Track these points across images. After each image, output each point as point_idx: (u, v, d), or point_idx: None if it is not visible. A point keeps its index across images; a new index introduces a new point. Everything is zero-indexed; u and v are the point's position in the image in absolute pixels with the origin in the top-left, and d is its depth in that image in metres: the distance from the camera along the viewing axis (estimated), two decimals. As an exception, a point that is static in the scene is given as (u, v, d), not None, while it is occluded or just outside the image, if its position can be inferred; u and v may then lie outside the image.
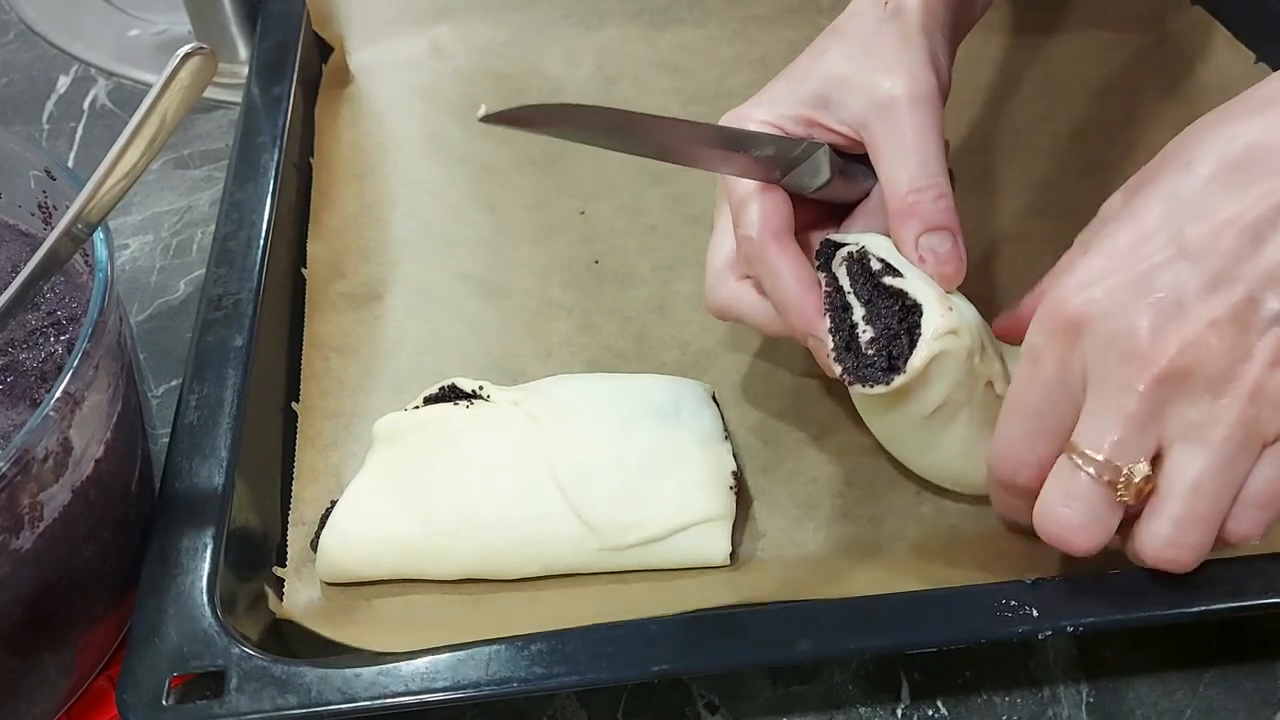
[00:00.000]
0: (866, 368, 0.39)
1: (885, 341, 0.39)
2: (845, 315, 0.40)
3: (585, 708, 0.41)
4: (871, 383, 0.39)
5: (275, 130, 0.57)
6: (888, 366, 0.39)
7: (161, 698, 0.35)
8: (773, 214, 0.41)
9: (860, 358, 0.39)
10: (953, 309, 0.39)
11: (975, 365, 0.39)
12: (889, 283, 0.40)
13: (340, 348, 0.50)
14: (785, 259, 0.41)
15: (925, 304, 0.39)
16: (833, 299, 0.41)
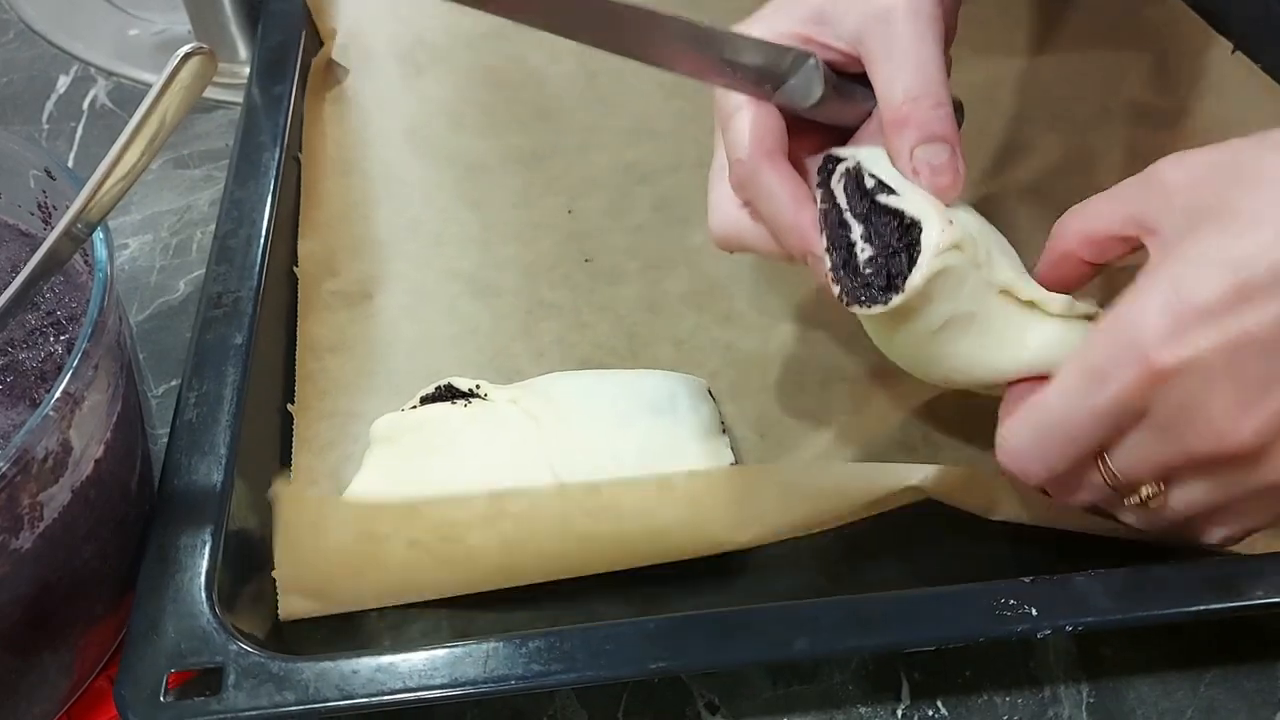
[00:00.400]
0: (864, 287, 0.38)
1: (884, 260, 0.37)
2: (843, 234, 0.39)
3: (585, 707, 0.41)
4: (869, 303, 0.37)
5: (276, 130, 0.57)
6: (886, 285, 0.37)
7: (159, 694, 0.35)
8: (764, 132, 0.40)
9: (858, 277, 0.38)
10: (953, 222, 0.37)
11: (984, 276, 0.37)
12: (884, 201, 0.38)
13: (333, 347, 0.50)
14: (778, 178, 0.39)
15: (924, 219, 0.37)
16: (829, 217, 0.39)
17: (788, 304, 0.53)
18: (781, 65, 0.39)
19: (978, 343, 0.38)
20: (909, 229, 0.37)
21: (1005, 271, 0.38)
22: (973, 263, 0.37)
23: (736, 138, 0.40)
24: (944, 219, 0.37)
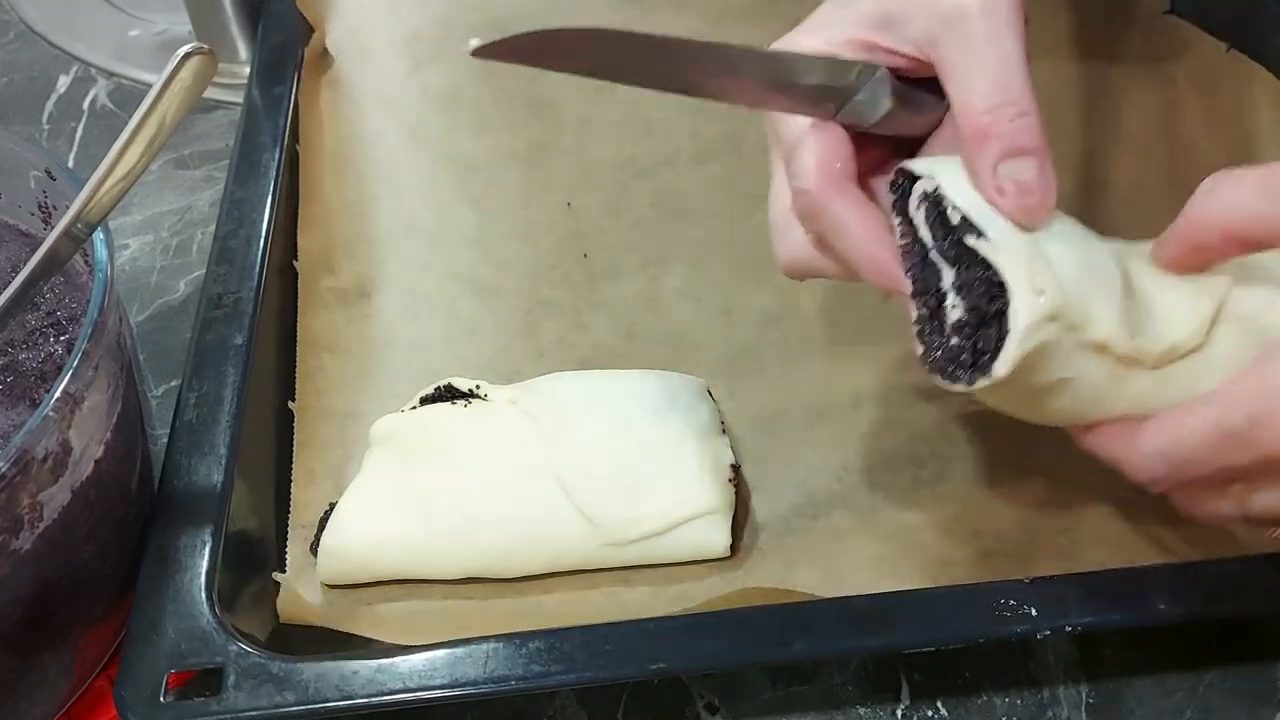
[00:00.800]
0: (950, 361, 0.34)
1: (973, 328, 0.33)
2: (930, 278, 0.35)
3: (585, 708, 0.41)
4: (954, 380, 0.33)
5: (276, 130, 0.57)
6: (973, 363, 0.33)
7: (159, 694, 0.35)
8: (830, 157, 0.36)
9: (943, 344, 0.34)
10: (1044, 291, 0.32)
11: (1079, 338, 0.33)
12: (972, 244, 0.33)
13: (332, 346, 0.50)
14: (850, 210, 0.35)
15: (1014, 288, 0.32)
16: (912, 252, 0.35)
17: (788, 302, 0.53)
18: (846, 80, 0.36)
19: (1072, 398, 0.35)
20: (998, 291, 0.33)
21: (1104, 329, 0.33)
22: (1068, 328, 0.33)
23: (801, 168, 0.36)
24: (1034, 289, 0.32)
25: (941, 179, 0.35)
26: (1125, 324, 0.34)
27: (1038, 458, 0.46)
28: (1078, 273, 0.33)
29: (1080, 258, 0.34)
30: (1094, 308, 0.33)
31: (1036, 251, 0.33)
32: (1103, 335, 0.33)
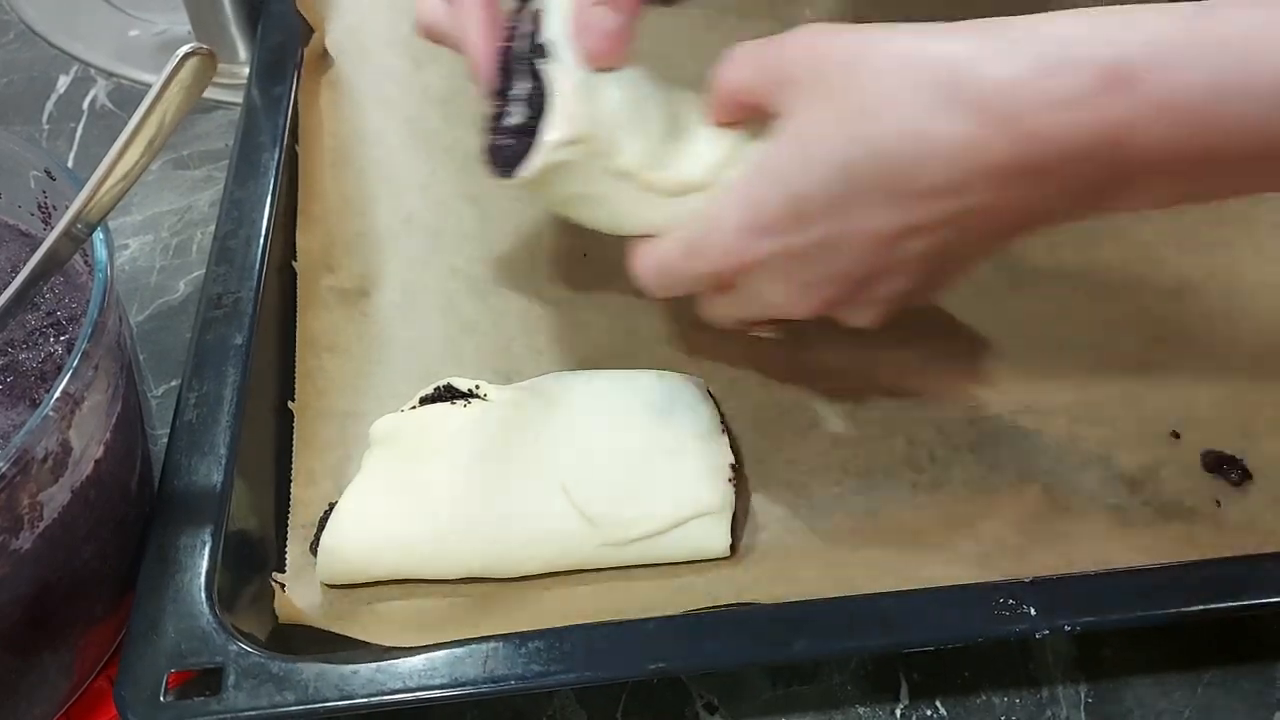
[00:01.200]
0: (495, 154, 0.41)
1: (521, 136, 0.40)
2: (508, 79, 0.41)
3: (584, 707, 0.41)
4: (493, 173, 0.41)
5: (276, 130, 0.57)
6: (510, 162, 0.40)
7: (159, 694, 0.35)
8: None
9: (496, 141, 0.41)
10: (574, 118, 0.39)
11: (604, 164, 0.40)
12: (539, 65, 0.40)
13: (332, 346, 0.50)
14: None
15: (552, 109, 0.39)
16: (504, 59, 0.41)
17: None
18: None
19: (604, 213, 0.42)
20: (544, 108, 0.39)
21: (628, 158, 0.40)
22: (592, 154, 0.39)
23: None
24: (567, 115, 0.39)
25: (551, 2, 0.41)
26: (653, 159, 0.41)
27: (1035, 461, 0.46)
28: (617, 110, 0.40)
29: (628, 99, 0.41)
30: (624, 141, 0.40)
31: (587, 87, 0.40)
32: (625, 164, 0.40)
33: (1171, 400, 0.47)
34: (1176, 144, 0.31)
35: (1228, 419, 0.47)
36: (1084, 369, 0.49)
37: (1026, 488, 0.44)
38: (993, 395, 0.48)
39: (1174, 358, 0.49)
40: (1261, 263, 0.53)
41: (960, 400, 0.48)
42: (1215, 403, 0.47)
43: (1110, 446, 0.46)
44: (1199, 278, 0.52)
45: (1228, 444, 0.46)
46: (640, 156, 0.40)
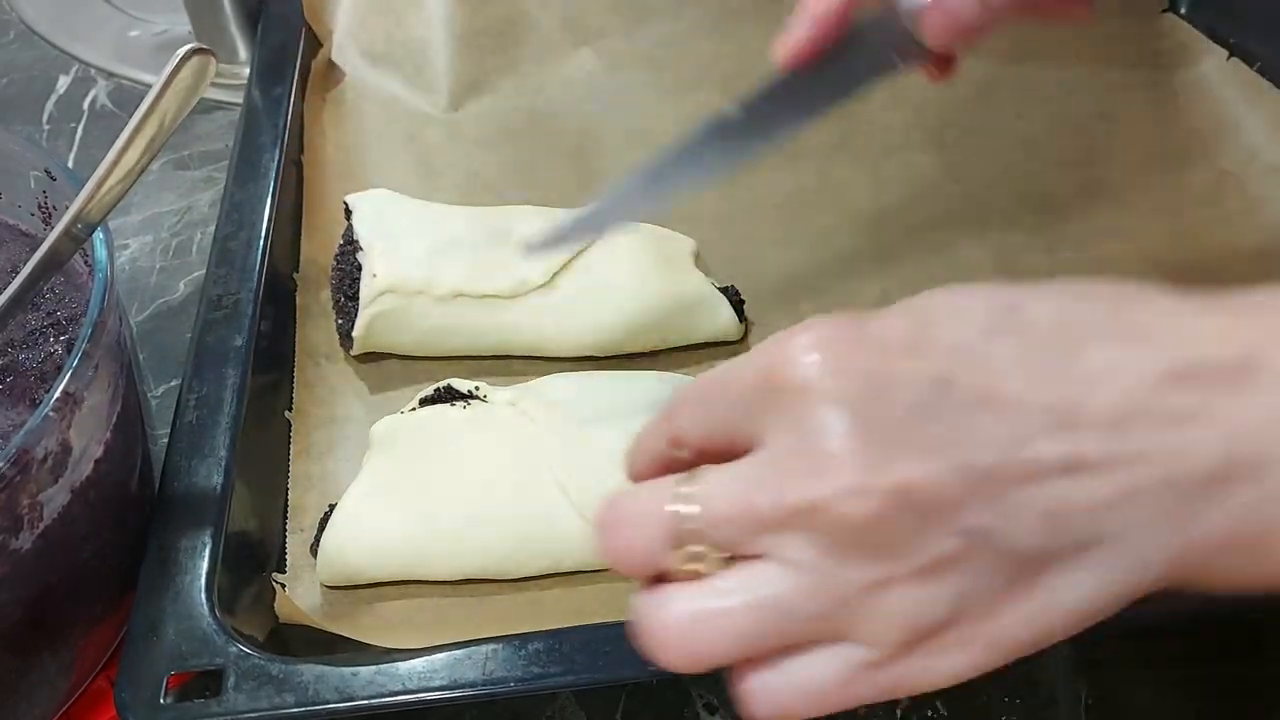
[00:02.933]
0: (344, 334, 0.49)
1: (353, 310, 0.49)
2: (348, 270, 0.50)
3: (584, 708, 0.41)
4: (345, 348, 0.50)
5: (276, 131, 0.57)
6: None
7: (159, 696, 0.35)
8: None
9: (341, 322, 0.50)
10: (375, 274, 0.47)
11: (443, 292, 0.48)
12: (360, 257, 0.49)
13: (331, 355, 0.50)
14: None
15: (364, 278, 0.48)
16: (342, 253, 0.50)
17: (787, 302, 0.53)
18: None
19: (465, 335, 0.50)
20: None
21: (450, 284, 0.48)
22: (412, 294, 0.48)
23: None
24: (371, 274, 0.48)
25: (363, 213, 0.51)
26: (479, 274, 0.48)
27: None
28: (420, 256, 0.48)
29: (430, 244, 0.49)
30: (441, 272, 0.48)
31: (390, 252, 0.48)
32: (452, 286, 0.48)
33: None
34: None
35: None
36: None
37: None
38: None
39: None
40: (1261, 263, 0.53)
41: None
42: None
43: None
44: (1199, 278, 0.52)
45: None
46: (463, 277, 0.48)
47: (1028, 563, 0.25)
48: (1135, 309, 0.26)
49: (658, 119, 0.62)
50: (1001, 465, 0.25)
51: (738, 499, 0.26)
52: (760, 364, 0.28)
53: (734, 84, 0.64)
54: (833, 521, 0.25)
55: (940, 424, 0.25)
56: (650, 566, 0.28)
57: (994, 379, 0.25)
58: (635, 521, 0.28)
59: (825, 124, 0.61)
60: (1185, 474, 0.24)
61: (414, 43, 0.66)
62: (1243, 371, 0.24)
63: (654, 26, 0.68)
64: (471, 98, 0.63)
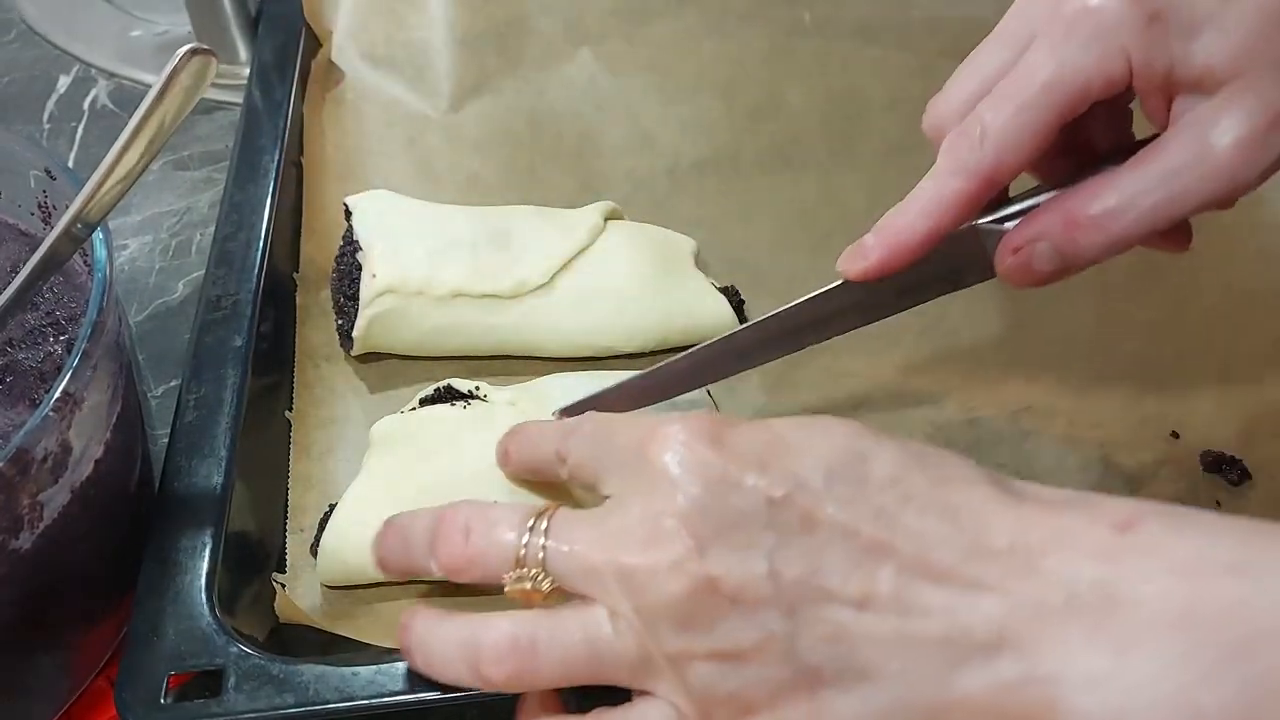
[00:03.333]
0: (345, 335, 0.49)
1: (353, 310, 0.49)
2: (349, 269, 0.50)
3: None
4: (345, 349, 0.50)
5: (276, 132, 0.57)
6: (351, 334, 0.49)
7: (160, 696, 0.35)
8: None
9: (341, 322, 0.50)
10: (375, 275, 0.47)
11: (442, 292, 0.48)
12: (360, 258, 0.49)
13: (330, 356, 0.50)
14: None
15: (364, 278, 0.48)
16: (343, 254, 0.51)
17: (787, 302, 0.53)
18: None
19: (463, 336, 0.49)
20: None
21: (450, 284, 0.48)
22: (412, 294, 0.48)
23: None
24: (372, 273, 0.48)
25: (363, 214, 0.50)
26: (479, 275, 0.48)
27: (1035, 461, 0.46)
28: (420, 256, 0.48)
29: (430, 245, 0.49)
30: (440, 273, 0.48)
31: (389, 253, 0.48)
32: (452, 287, 0.48)
33: (1171, 400, 0.48)
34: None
35: (1228, 419, 0.47)
36: (1084, 369, 0.49)
37: None
38: (992, 395, 0.48)
39: (1174, 358, 0.49)
40: (1261, 263, 0.53)
41: (960, 400, 0.48)
42: (1215, 403, 0.47)
43: (1110, 446, 0.46)
44: (1199, 278, 0.52)
45: (1227, 444, 0.46)
46: (462, 278, 0.48)
47: (810, 671, 0.28)
48: (956, 490, 0.29)
49: (658, 121, 0.62)
50: (804, 580, 0.28)
51: (581, 544, 0.31)
52: (638, 435, 0.32)
53: (735, 86, 0.64)
54: (650, 589, 0.29)
55: (763, 535, 0.29)
56: (490, 579, 0.32)
57: (819, 512, 0.29)
58: (492, 538, 0.32)
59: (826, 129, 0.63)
60: (960, 636, 0.27)
61: (414, 44, 0.66)
62: (1029, 558, 0.27)
63: (655, 28, 0.68)
64: (472, 99, 0.63)
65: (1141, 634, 0.26)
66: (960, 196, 0.35)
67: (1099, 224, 0.34)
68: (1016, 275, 0.36)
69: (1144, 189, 0.33)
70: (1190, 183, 0.33)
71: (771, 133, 0.62)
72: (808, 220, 0.57)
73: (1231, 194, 0.33)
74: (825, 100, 0.63)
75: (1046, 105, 0.33)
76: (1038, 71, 0.34)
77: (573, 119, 0.63)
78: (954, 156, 0.35)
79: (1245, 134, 0.32)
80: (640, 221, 0.56)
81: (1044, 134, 0.34)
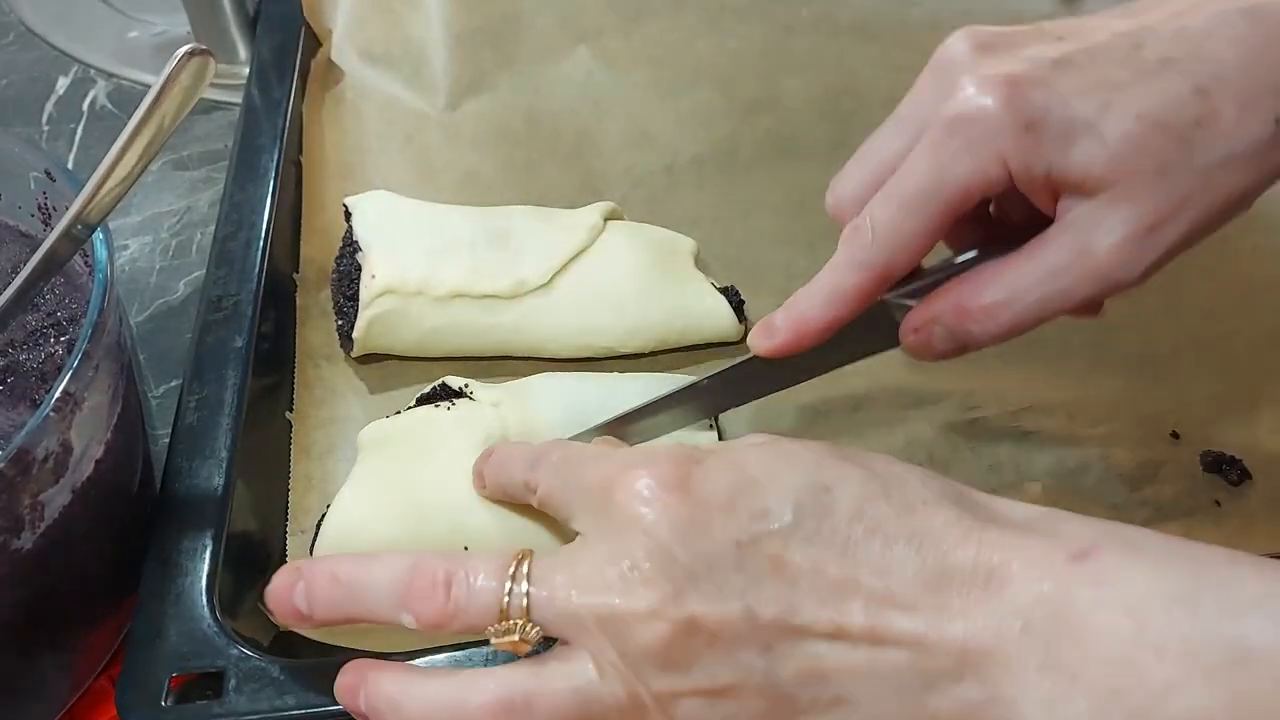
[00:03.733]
0: (345, 335, 0.50)
1: (353, 311, 0.49)
2: (349, 269, 0.50)
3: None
4: (344, 349, 0.50)
5: (275, 131, 0.57)
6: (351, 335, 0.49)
7: (161, 698, 0.35)
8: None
9: (341, 323, 0.50)
10: (374, 276, 0.47)
11: (442, 292, 0.48)
12: (359, 258, 0.49)
13: (331, 355, 0.50)
14: None
15: (364, 279, 0.48)
16: (343, 253, 0.51)
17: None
18: None
19: (463, 335, 0.49)
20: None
21: (450, 283, 0.48)
22: (411, 294, 0.48)
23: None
24: (371, 275, 0.48)
25: (363, 215, 0.51)
26: (479, 275, 0.48)
27: (1035, 461, 0.46)
28: (419, 258, 0.48)
29: (429, 245, 0.49)
30: (440, 273, 0.48)
31: (389, 253, 0.48)
32: (448, 289, 0.48)
33: (1171, 400, 0.48)
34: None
35: (1227, 419, 0.47)
36: (1084, 369, 0.49)
37: (1026, 487, 0.44)
38: (993, 395, 0.48)
39: (1174, 357, 0.49)
40: (1260, 261, 0.53)
41: (960, 400, 0.48)
42: (1215, 403, 0.47)
43: (1110, 446, 0.46)
44: (1198, 277, 0.52)
45: (1227, 444, 0.46)
46: (462, 277, 0.48)
47: (787, 701, 0.29)
48: (917, 518, 0.30)
49: (656, 117, 0.62)
50: (779, 620, 0.29)
51: (560, 590, 0.31)
52: (604, 476, 0.32)
53: (731, 82, 0.64)
54: (632, 635, 0.30)
55: (736, 576, 0.30)
56: (473, 631, 0.32)
57: (787, 552, 0.30)
58: (473, 590, 0.32)
59: (824, 124, 0.63)
60: (928, 663, 0.28)
61: (412, 42, 0.66)
62: (990, 584, 0.28)
63: (652, 25, 0.68)
64: (470, 97, 0.63)
65: (1089, 665, 0.27)
66: (857, 289, 0.36)
67: (988, 313, 0.35)
68: (918, 352, 0.38)
69: (1028, 285, 0.34)
70: (1071, 282, 0.34)
71: (769, 127, 0.62)
72: (807, 214, 0.57)
73: (1111, 291, 0.34)
74: (823, 94, 0.63)
75: (927, 207, 0.34)
76: (917, 175, 0.34)
77: (570, 115, 0.63)
78: (850, 250, 0.36)
79: (1123, 238, 0.33)
80: (640, 217, 0.56)
81: (930, 231, 0.35)
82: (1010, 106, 0.32)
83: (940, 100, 0.34)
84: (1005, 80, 0.33)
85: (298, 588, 0.34)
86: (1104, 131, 0.32)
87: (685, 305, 0.50)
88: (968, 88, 0.33)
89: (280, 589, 0.34)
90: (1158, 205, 0.33)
